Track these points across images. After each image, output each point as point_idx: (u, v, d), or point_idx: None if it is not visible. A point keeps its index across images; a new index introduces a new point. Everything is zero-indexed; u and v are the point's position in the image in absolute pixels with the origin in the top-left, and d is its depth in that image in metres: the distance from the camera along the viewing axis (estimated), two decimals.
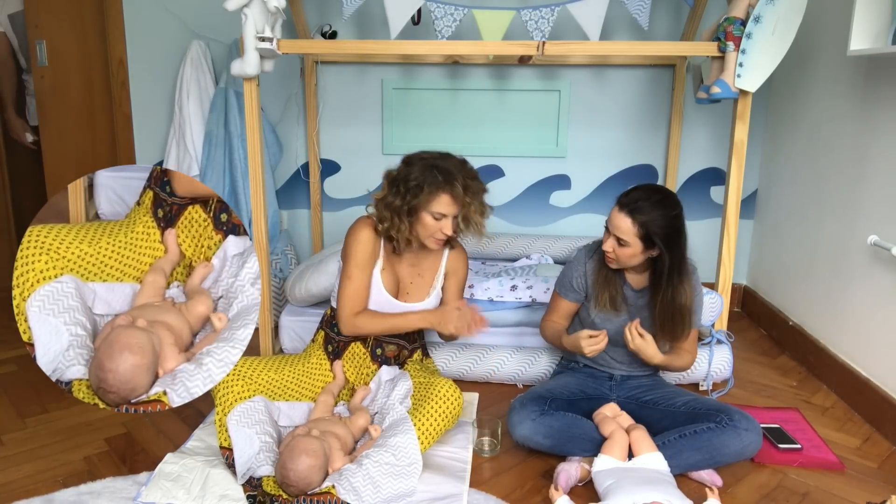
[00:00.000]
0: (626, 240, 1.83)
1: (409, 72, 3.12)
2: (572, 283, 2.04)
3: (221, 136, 2.98)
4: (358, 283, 2.00)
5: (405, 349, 2.13)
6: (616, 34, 3.01)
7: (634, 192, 1.86)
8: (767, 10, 2.07)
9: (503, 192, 3.24)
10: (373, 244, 2.01)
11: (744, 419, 1.79)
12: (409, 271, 2.09)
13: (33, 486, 1.76)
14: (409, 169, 1.93)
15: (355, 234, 2.01)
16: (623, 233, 1.83)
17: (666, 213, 1.82)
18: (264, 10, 2.10)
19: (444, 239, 1.97)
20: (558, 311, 2.10)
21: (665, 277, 1.87)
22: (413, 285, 2.09)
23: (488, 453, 1.93)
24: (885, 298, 2.12)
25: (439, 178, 1.88)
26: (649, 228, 1.81)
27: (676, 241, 1.85)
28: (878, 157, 2.17)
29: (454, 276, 2.14)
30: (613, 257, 1.89)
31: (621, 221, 1.83)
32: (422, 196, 1.88)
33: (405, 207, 1.91)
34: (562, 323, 2.10)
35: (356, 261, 2.00)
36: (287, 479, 1.64)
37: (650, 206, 1.82)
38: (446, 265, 2.13)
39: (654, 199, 1.83)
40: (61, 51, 3.06)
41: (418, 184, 1.88)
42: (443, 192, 1.88)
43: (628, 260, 1.88)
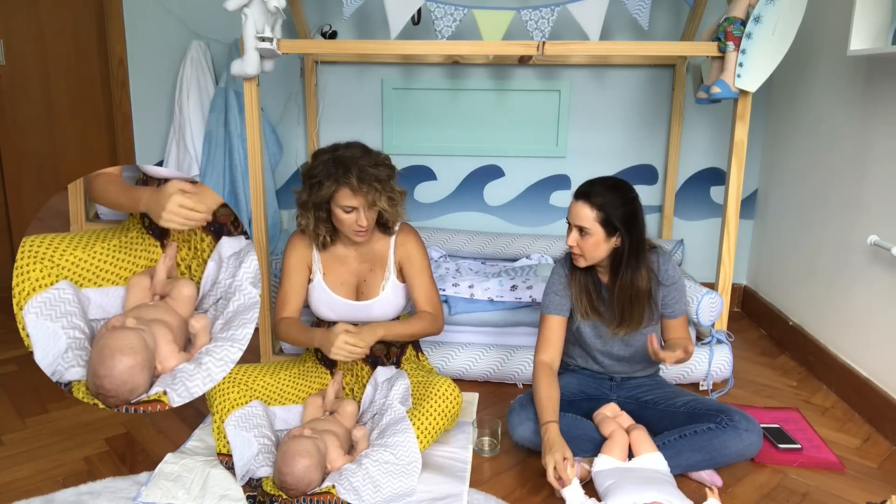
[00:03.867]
0: (587, 227, 1.83)
1: (409, 72, 3.12)
2: (557, 289, 1.98)
3: (221, 136, 2.98)
4: (285, 288, 2.04)
5: (393, 346, 2.10)
6: (616, 34, 3.01)
7: (588, 183, 1.88)
8: (767, 10, 2.07)
9: (503, 192, 3.24)
10: (300, 250, 2.02)
11: (744, 419, 1.79)
12: (360, 269, 2.05)
13: (33, 486, 1.76)
14: (314, 163, 1.89)
15: (286, 244, 2.05)
16: (583, 220, 1.83)
17: (622, 195, 1.84)
18: (264, 10, 2.10)
19: (364, 231, 1.91)
20: (550, 335, 1.97)
21: (624, 261, 1.87)
22: (366, 283, 2.04)
23: (488, 453, 1.93)
24: (885, 298, 2.12)
25: (337, 171, 1.82)
26: (607, 211, 1.82)
27: (633, 225, 1.86)
28: (878, 157, 2.17)
29: (408, 263, 2.04)
30: (579, 252, 1.87)
31: (580, 209, 1.84)
32: (324, 191, 1.84)
33: (311, 203, 1.89)
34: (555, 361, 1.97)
35: (285, 269, 2.04)
36: (286, 484, 1.64)
37: (604, 189, 1.84)
38: (395, 255, 2.04)
39: (609, 184, 1.87)
40: (19, 50, 3.08)
41: (319, 179, 1.85)
42: (341, 185, 1.82)
43: (593, 250, 1.86)
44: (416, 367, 2.11)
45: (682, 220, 3.20)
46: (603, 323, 1.95)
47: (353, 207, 1.86)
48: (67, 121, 3.24)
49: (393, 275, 2.04)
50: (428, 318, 2.03)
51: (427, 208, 3.27)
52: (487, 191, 3.25)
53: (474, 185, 3.25)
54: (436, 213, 3.28)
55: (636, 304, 1.89)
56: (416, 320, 2.02)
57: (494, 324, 2.50)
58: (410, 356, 2.17)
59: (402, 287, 2.05)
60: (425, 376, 1.99)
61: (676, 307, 1.95)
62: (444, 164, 3.22)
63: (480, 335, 2.52)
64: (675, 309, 1.95)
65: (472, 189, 3.25)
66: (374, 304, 2.01)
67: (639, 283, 1.88)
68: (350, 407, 1.95)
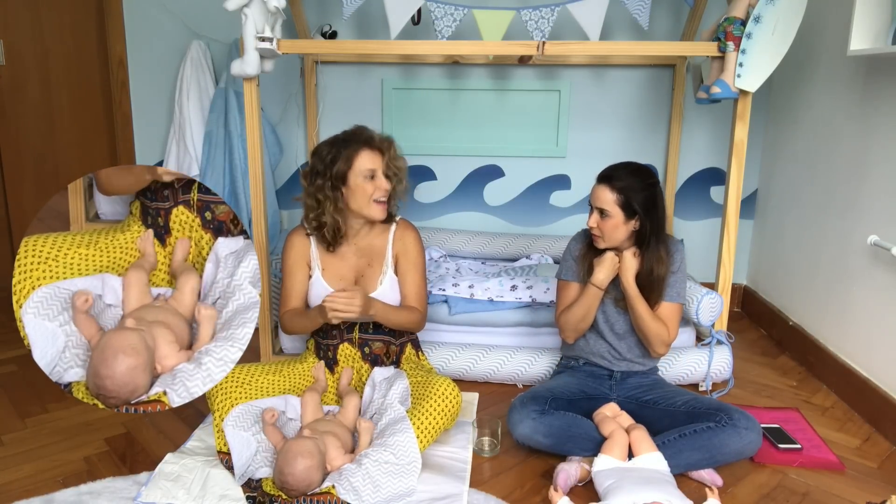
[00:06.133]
0: (608, 209, 1.89)
1: (409, 72, 3.12)
2: (575, 256, 2.04)
3: (221, 136, 2.98)
4: (287, 285, 2.06)
5: (392, 344, 2.10)
6: (616, 34, 3.01)
7: (611, 167, 1.96)
8: (767, 10, 2.07)
9: (503, 192, 3.24)
10: (299, 248, 2.04)
11: (743, 418, 1.79)
12: (358, 264, 2.05)
13: (33, 486, 1.76)
14: (318, 153, 1.95)
15: (285, 243, 2.07)
16: (604, 202, 1.89)
17: (642, 180, 1.91)
18: (264, 10, 2.10)
19: (385, 199, 1.95)
20: (567, 299, 2.05)
21: (646, 244, 1.92)
22: (364, 278, 2.05)
23: (488, 453, 1.93)
24: (885, 298, 2.12)
25: (350, 140, 1.92)
26: (627, 194, 1.88)
27: (653, 209, 1.91)
28: (878, 157, 2.17)
29: (405, 257, 2.05)
30: (599, 233, 1.93)
31: (601, 192, 1.91)
32: (341, 162, 1.90)
33: (329, 182, 1.92)
34: None
35: (285, 266, 2.06)
36: (287, 485, 1.64)
37: (626, 173, 1.91)
38: (393, 247, 2.05)
39: (631, 168, 1.94)
40: (19, 50, 3.08)
41: (333, 156, 1.91)
42: (361, 148, 1.91)
43: (613, 232, 1.92)
44: (415, 367, 2.11)
45: (682, 220, 3.20)
46: (610, 300, 2.00)
47: (373, 170, 1.91)
48: (67, 121, 3.24)
49: (390, 269, 2.05)
50: (416, 313, 2.05)
51: (427, 208, 3.27)
52: (487, 191, 3.25)
53: (474, 185, 3.25)
54: (436, 213, 3.28)
55: (654, 287, 1.95)
56: (405, 311, 2.03)
57: (494, 324, 2.50)
58: (410, 355, 2.17)
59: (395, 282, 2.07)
60: (425, 376, 1.99)
61: (670, 291, 1.97)
62: (444, 163, 3.22)
63: (480, 335, 2.51)
64: (669, 293, 1.97)
65: (472, 189, 3.25)
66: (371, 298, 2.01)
67: (657, 267, 1.93)
68: (354, 400, 1.96)
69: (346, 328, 2.06)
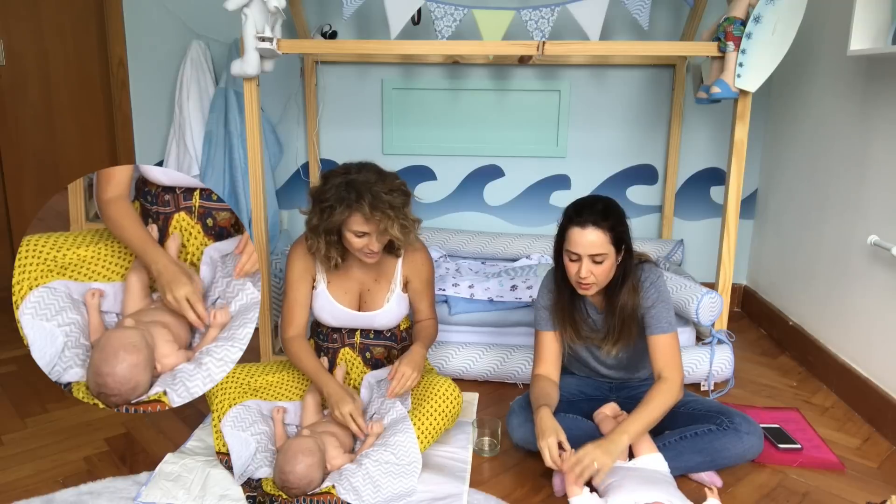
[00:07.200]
0: (603, 252, 1.73)
1: (409, 72, 3.12)
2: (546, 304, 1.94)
3: (221, 136, 2.98)
4: (290, 300, 2.00)
5: (394, 349, 2.10)
6: (616, 34, 3.01)
7: (582, 209, 1.77)
8: (767, 10, 2.07)
9: (503, 192, 3.24)
10: (303, 261, 1.98)
11: (745, 422, 1.78)
12: (365, 279, 2.01)
13: (33, 486, 1.76)
14: (325, 187, 1.83)
15: (289, 254, 2.01)
16: (598, 247, 1.73)
17: (618, 211, 1.78)
18: (264, 10, 2.10)
19: (374, 254, 1.87)
20: (545, 352, 1.95)
21: (619, 280, 1.82)
22: (370, 293, 2.01)
23: (488, 453, 1.93)
24: (885, 298, 2.12)
25: (350, 196, 1.76)
26: (617, 230, 1.75)
27: (629, 240, 1.81)
28: (878, 157, 2.17)
29: (417, 278, 2.03)
30: (593, 281, 1.76)
31: (593, 236, 1.73)
32: (335, 216, 1.79)
33: (322, 227, 1.84)
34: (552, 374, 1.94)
35: (288, 280, 1.99)
36: (287, 483, 1.64)
37: (605, 208, 1.76)
38: (403, 269, 2.02)
39: (602, 203, 1.78)
40: (19, 50, 3.08)
41: (331, 204, 1.79)
42: (353, 211, 1.77)
43: (606, 277, 1.78)
44: None
45: (682, 220, 3.19)
46: (594, 344, 1.93)
47: (365, 233, 1.82)
48: (67, 121, 3.24)
49: (399, 287, 2.02)
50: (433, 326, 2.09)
51: (427, 208, 3.27)
52: (487, 191, 3.25)
53: (474, 185, 3.25)
54: (436, 213, 3.28)
55: (630, 322, 1.85)
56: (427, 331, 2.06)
57: (494, 324, 2.50)
58: None
59: (406, 297, 2.06)
60: (425, 376, 1.99)
61: (660, 325, 1.82)
62: (444, 164, 3.22)
63: (480, 335, 2.52)
64: (659, 326, 1.82)
65: (472, 189, 3.25)
66: (378, 315, 2.01)
67: (628, 302, 1.83)
68: None
69: (348, 333, 2.06)
